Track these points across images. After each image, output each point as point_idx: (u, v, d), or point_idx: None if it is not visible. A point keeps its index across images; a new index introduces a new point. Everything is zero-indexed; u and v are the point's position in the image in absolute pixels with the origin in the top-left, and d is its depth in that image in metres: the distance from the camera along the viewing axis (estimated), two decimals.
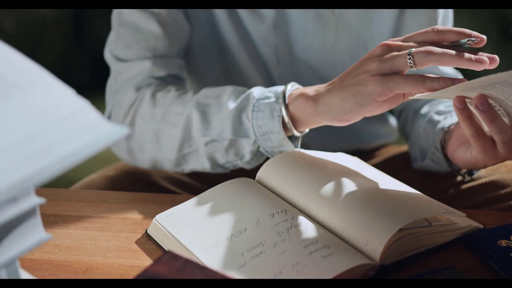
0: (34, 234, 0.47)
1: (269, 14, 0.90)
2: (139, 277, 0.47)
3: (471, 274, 0.58)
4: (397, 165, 0.96)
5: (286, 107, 0.73)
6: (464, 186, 0.84)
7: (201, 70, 0.99)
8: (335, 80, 0.71)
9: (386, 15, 0.91)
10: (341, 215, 0.61)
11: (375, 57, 0.67)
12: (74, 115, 0.43)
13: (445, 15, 0.93)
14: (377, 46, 0.68)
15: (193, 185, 0.94)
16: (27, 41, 2.55)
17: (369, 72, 0.66)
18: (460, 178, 0.84)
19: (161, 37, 0.88)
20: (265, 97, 0.75)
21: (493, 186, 0.82)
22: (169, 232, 0.64)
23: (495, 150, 0.66)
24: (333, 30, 0.91)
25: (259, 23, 0.92)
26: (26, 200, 0.46)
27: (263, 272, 0.56)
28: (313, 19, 0.90)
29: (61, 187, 0.84)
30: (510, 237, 0.61)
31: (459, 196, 0.84)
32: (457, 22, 1.03)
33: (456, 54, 0.63)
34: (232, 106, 0.77)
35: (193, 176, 0.95)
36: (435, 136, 0.82)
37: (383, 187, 0.67)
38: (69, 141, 0.41)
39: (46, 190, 0.79)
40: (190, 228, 0.64)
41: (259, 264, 0.57)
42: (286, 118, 0.73)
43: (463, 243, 0.62)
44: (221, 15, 0.92)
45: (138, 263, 0.62)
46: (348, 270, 0.54)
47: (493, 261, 0.58)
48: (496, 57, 0.63)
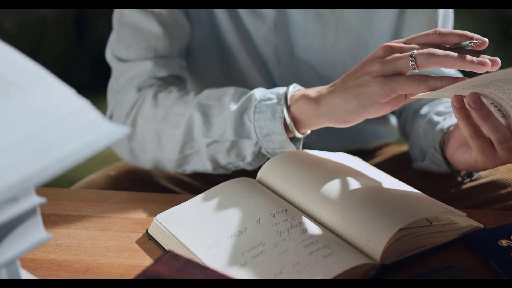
0: (34, 233, 0.47)
1: (269, 14, 0.90)
2: (140, 276, 0.47)
3: (472, 274, 0.58)
4: (398, 165, 0.96)
5: (288, 109, 0.73)
6: (465, 186, 0.84)
7: (201, 70, 0.99)
8: (337, 82, 0.71)
9: (386, 15, 0.91)
10: (341, 215, 0.61)
11: (377, 59, 0.67)
12: (74, 114, 0.43)
13: (445, 15, 0.93)
14: (379, 47, 0.68)
15: (194, 185, 0.94)
16: (28, 41, 2.56)
17: (371, 74, 0.66)
18: (460, 179, 0.84)
19: (162, 38, 0.88)
20: (267, 99, 0.75)
21: (493, 185, 0.82)
22: (170, 231, 0.64)
23: (494, 151, 0.66)
24: (334, 30, 0.91)
25: (259, 23, 0.92)
26: (26, 199, 0.46)
27: (264, 271, 0.56)
28: (313, 19, 0.90)
29: (62, 186, 0.84)
30: (511, 236, 0.61)
31: (459, 195, 0.83)
32: (457, 22, 1.03)
33: (458, 56, 0.62)
34: (234, 107, 0.77)
35: (193, 176, 0.95)
36: (435, 137, 0.82)
37: (384, 186, 0.67)
38: (69, 141, 0.41)
39: (46, 190, 0.79)
40: (190, 228, 0.64)
41: (259, 263, 0.57)
42: (288, 119, 0.73)
43: (463, 243, 0.62)
44: (222, 15, 0.92)
45: (139, 263, 0.62)
46: (349, 270, 0.54)
47: (494, 261, 0.58)
48: (498, 59, 0.63)
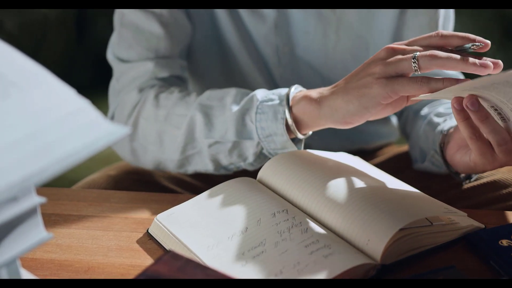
0: (35, 233, 0.47)
1: (270, 14, 0.90)
2: (140, 276, 0.47)
3: (472, 274, 0.57)
4: (398, 165, 0.96)
5: (290, 110, 0.73)
6: (466, 186, 0.84)
7: (202, 70, 0.99)
8: (339, 83, 0.71)
9: (387, 15, 0.91)
10: (342, 215, 0.61)
11: (379, 60, 0.67)
12: (74, 114, 0.43)
13: (446, 15, 0.93)
14: (382, 49, 0.68)
15: (195, 185, 0.94)
16: (29, 41, 2.56)
17: (373, 75, 0.66)
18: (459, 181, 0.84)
19: (163, 38, 0.88)
20: (268, 99, 0.75)
21: (494, 185, 0.82)
22: (170, 231, 0.64)
23: (493, 153, 0.66)
24: (334, 30, 0.91)
25: (260, 23, 0.92)
26: (26, 199, 0.46)
27: (264, 271, 0.56)
28: (314, 19, 0.90)
29: (62, 186, 0.84)
30: (511, 236, 0.61)
31: (460, 195, 0.83)
32: (458, 22, 1.03)
33: (461, 58, 0.63)
34: (235, 108, 0.77)
35: (194, 175, 0.95)
36: (435, 139, 0.82)
37: (384, 186, 0.67)
38: (69, 141, 0.41)
39: (47, 190, 0.79)
40: (191, 228, 0.64)
41: (260, 263, 0.57)
42: (290, 120, 0.73)
43: (464, 243, 0.62)
44: (222, 15, 0.92)
45: (139, 263, 0.62)
46: (349, 269, 0.54)
47: (494, 261, 0.58)
48: (500, 62, 0.63)
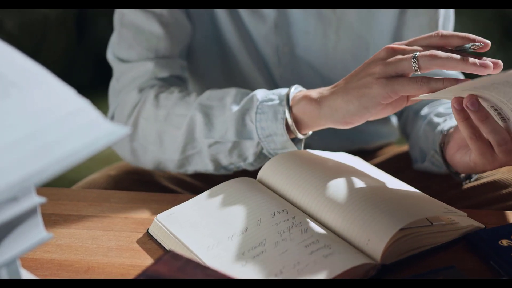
0: (35, 233, 0.47)
1: (270, 14, 0.91)
2: (140, 276, 0.47)
3: (472, 274, 0.57)
4: (399, 165, 0.96)
5: (290, 110, 0.73)
6: (466, 186, 0.84)
7: (202, 70, 0.99)
8: (339, 83, 0.71)
9: (387, 15, 0.91)
10: (342, 215, 0.61)
11: (379, 60, 0.67)
12: (74, 114, 0.43)
13: (446, 15, 0.93)
14: (382, 49, 0.68)
15: (195, 185, 0.94)
16: (29, 41, 2.55)
17: (373, 75, 0.66)
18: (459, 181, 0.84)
19: (163, 38, 0.88)
20: (268, 99, 0.75)
21: (494, 185, 0.82)
22: (170, 231, 0.64)
23: (493, 153, 0.66)
24: (334, 30, 0.91)
25: (260, 23, 0.92)
26: (26, 199, 0.46)
27: (264, 271, 0.56)
28: (314, 19, 0.90)
29: (62, 186, 0.84)
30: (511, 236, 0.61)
31: (460, 195, 0.83)
32: (458, 22, 1.03)
33: (461, 58, 0.63)
34: (235, 108, 0.77)
35: (194, 175, 0.95)
36: (435, 139, 0.82)
37: (385, 186, 0.67)
38: (69, 141, 0.41)
39: (47, 190, 0.79)
40: (191, 228, 0.64)
41: (260, 263, 0.57)
42: (290, 120, 0.73)
43: (464, 243, 0.62)
44: (222, 15, 0.92)
45: (139, 263, 0.62)
46: (349, 269, 0.54)
47: (494, 261, 0.58)
48: (500, 62, 0.63)
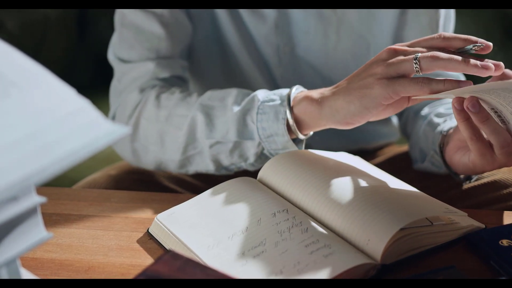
0: (35, 233, 0.47)
1: (270, 14, 0.91)
2: (140, 276, 0.47)
3: (472, 274, 0.57)
4: (399, 165, 0.96)
5: (291, 110, 0.73)
6: (466, 186, 0.84)
7: (202, 70, 0.99)
8: (340, 83, 0.71)
9: (387, 15, 0.91)
10: (342, 215, 0.61)
11: (381, 61, 0.67)
12: (74, 114, 0.43)
13: (447, 15, 0.93)
14: (383, 50, 0.68)
15: (195, 185, 0.95)
16: (30, 41, 2.56)
17: (375, 76, 0.66)
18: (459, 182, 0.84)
19: (163, 38, 0.88)
20: (269, 100, 0.75)
21: (495, 185, 0.82)
22: (171, 231, 0.64)
23: (493, 154, 0.66)
24: (335, 30, 0.91)
25: (260, 23, 0.92)
26: (26, 199, 0.46)
27: (264, 271, 0.56)
28: (314, 19, 0.90)
29: (63, 186, 0.84)
30: None
31: (460, 195, 0.83)
32: (459, 22, 1.03)
33: (462, 60, 0.63)
34: (236, 108, 0.77)
35: (195, 175, 0.95)
36: (434, 139, 0.82)
37: (385, 186, 0.67)
38: (69, 140, 0.41)
39: (48, 189, 0.79)
40: (191, 227, 0.64)
41: (260, 263, 0.57)
42: (291, 120, 0.73)
43: (464, 243, 0.62)
44: (223, 15, 0.92)
45: (140, 262, 0.62)
46: (349, 269, 0.54)
47: (494, 261, 0.58)
48: (502, 64, 0.63)
